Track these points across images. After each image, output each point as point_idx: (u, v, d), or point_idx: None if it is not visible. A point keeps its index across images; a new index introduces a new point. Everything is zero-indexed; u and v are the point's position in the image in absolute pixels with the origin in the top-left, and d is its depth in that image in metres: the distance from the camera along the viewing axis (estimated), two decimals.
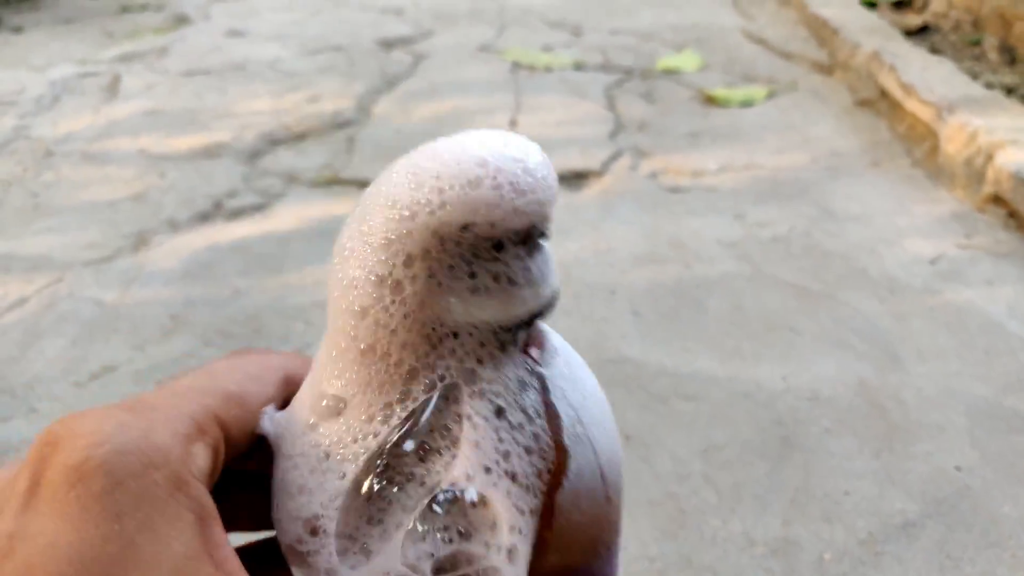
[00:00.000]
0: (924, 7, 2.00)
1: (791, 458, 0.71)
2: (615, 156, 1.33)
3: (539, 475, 0.31)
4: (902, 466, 0.70)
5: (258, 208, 1.20)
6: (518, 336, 0.31)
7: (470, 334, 0.29)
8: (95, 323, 0.94)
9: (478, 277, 0.29)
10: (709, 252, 1.04)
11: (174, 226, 1.15)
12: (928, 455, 0.71)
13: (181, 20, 2.18)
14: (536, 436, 0.30)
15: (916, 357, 0.84)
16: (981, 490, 0.68)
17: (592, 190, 1.24)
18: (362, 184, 1.26)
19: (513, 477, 0.28)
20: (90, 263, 1.06)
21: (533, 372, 0.32)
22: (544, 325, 0.33)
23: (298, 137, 1.43)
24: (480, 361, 0.30)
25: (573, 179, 1.27)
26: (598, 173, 1.28)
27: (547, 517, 0.31)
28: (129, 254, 1.08)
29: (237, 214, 1.18)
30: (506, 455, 0.29)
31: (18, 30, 2.13)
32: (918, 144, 1.34)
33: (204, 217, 1.18)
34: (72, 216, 1.18)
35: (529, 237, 0.30)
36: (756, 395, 0.79)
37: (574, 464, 0.32)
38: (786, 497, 0.67)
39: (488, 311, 0.30)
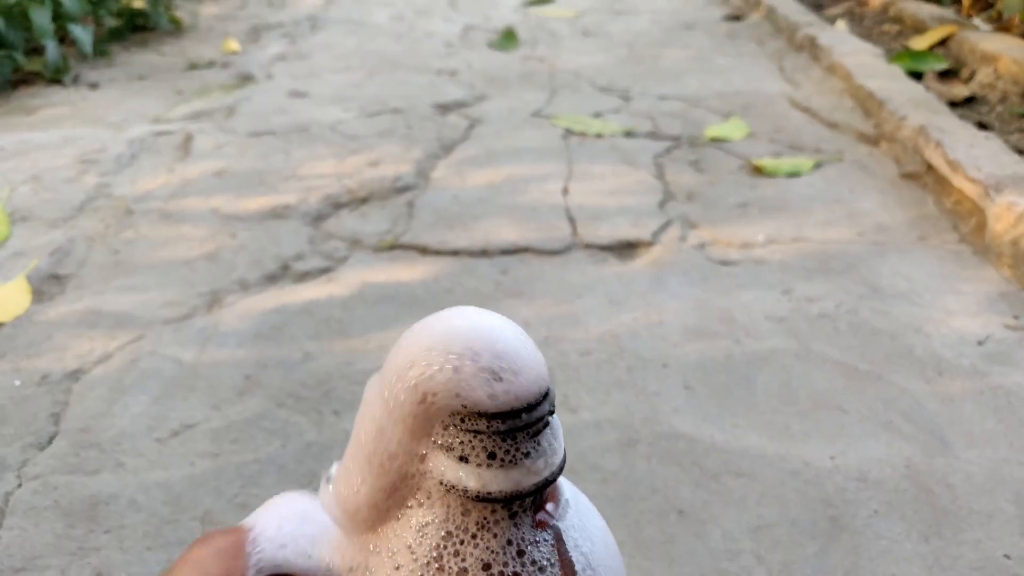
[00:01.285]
0: (970, 78, 2.03)
1: (839, 539, 0.74)
2: (664, 226, 1.38)
3: None
4: (951, 551, 0.72)
5: (323, 271, 1.27)
6: (534, 501, 0.36)
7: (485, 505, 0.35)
8: (175, 381, 1.00)
9: (492, 454, 0.34)
10: (758, 328, 1.08)
11: (245, 287, 1.22)
12: (977, 542, 0.73)
13: (246, 79, 2.29)
14: None
15: (964, 441, 0.86)
16: None
17: (643, 260, 1.28)
18: (422, 250, 1.33)
19: None
20: (169, 321, 1.13)
21: (549, 526, 0.38)
22: (560, 479, 0.38)
23: (360, 201, 1.50)
24: (487, 528, 0.36)
25: (624, 249, 1.32)
26: (648, 243, 1.33)
27: None
28: (204, 314, 1.15)
29: (304, 277, 1.25)
30: None
31: (94, 87, 2.26)
32: (965, 220, 1.36)
33: (273, 279, 1.24)
34: (151, 274, 1.26)
35: (538, 415, 0.35)
36: (804, 474, 0.82)
37: None
38: None
39: (501, 483, 0.35)
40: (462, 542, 0.35)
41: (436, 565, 0.35)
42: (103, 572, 0.72)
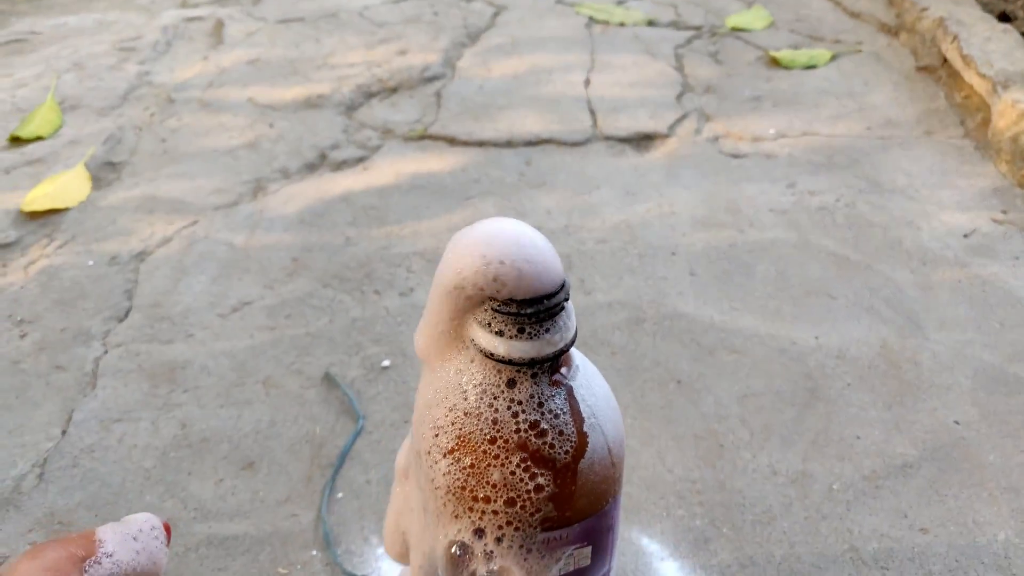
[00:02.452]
0: None
1: (815, 407, 0.86)
2: (681, 119, 1.44)
3: (568, 452, 0.47)
4: (909, 418, 0.84)
5: (359, 160, 1.35)
6: (551, 365, 0.47)
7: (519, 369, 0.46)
8: (229, 263, 1.11)
9: (522, 329, 0.45)
10: (761, 219, 1.17)
11: (286, 175, 1.32)
12: (933, 410, 0.85)
13: None
14: (566, 424, 0.46)
15: (936, 324, 0.96)
16: (974, 441, 0.81)
17: (658, 152, 1.36)
18: (450, 140, 1.41)
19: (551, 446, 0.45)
20: (219, 207, 1.23)
21: (563, 384, 0.49)
22: (573, 349, 0.49)
23: (391, 90, 1.57)
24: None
25: (642, 141, 1.39)
26: (664, 136, 1.40)
27: (573, 477, 0.48)
28: (250, 200, 1.25)
29: (341, 165, 1.34)
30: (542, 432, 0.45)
31: None
32: (972, 115, 1.41)
33: (312, 167, 1.34)
34: (197, 162, 1.36)
35: (556, 302, 0.45)
36: (791, 351, 0.93)
37: (590, 444, 0.49)
38: (807, 439, 0.82)
39: (528, 351, 0.46)
40: (495, 396, 0.47)
41: (476, 412, 0.46)
42: (186, 423, 0.85)
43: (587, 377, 0.49)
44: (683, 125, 1.43)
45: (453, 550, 0.54)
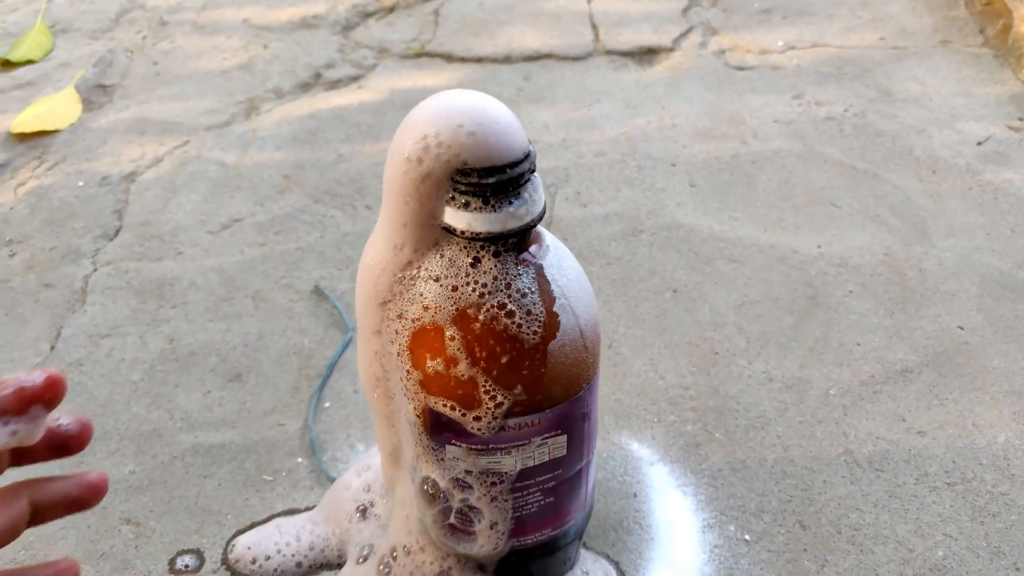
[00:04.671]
0: None
1: (814, 314, 0.83)
2: (686, 33, 1.39)
3: (536, 332, 0.45)
4: (911, 324, 0.81)
5: (353, 79, 1.32)
6: (518, 242, 0.45)
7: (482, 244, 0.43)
8: (221, 181, 1.09)
9: (485, 201, 0.43)
10: (765, 130, 1.13)
11: (280, 95, 1.28)
12: (936, 316, 0.82)
13: None
14: (534, 304, 0.44)
15: (944, 232, 0.93)
16: (977, 346, 0.79)
17: (662, 66, 1.31)
18: (447, 57, 1.37)
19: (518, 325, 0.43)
20: (211, 128, 1.21)
21: (531, 263, 0.46)
22: (541, 228, 0.47)
23: (387, 9, 1.52)
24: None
25: (645, 55, 1.34)
26: (669, 50, 1.35)
27: (543, 359, 0.46)
28: (243, 120, 1.23)
29: (335, 84, 1.31)
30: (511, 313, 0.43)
31: None
32: (992, 22, 1.35)
33: (306, 87, 1.30)
34: (190, 84, 1.33)
35: (519, 171, 0.43)
36: (791, 260, 0.90)
37: (561, 326, 0.47)
38: (805, 346, 0.80)
39: (491, 224, 0.43)
40: (459, 277, 0.45)
41: (440, 294, 0.44)
42: (174, 338, 0.85)
43: (558, 257, 0.47)
44: (688, 39, 1.38)
45: (425, 487, 0.52)
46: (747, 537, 0.64)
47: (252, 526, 0.65)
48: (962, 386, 0.75)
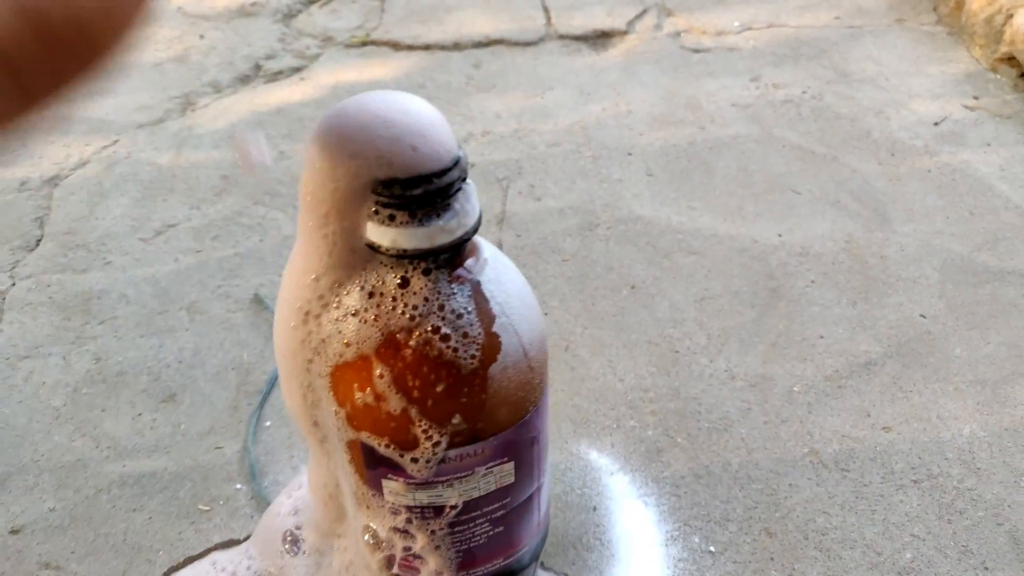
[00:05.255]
0: None
1: (776, 307, 0.81)
2: (640, 15, 1.35)
3: (475, 356, 0.41)
4: (874, 314, 0.79)
5: (296, 70, 1.26)
6: (451, 257, 0.41)
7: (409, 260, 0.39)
8: (154, 183, 1.03)
9: (412, 215, 0.38)
10: (723, 115, 1.10)
11: (217, 88, 1.22)
12: (898, 305, 0.80)
13: None
14: (471, 325, 0.40)
15: (904, 216, 0.91)
16: (940, 335, 0.77)
17: (616, 50, 1.27)
18: (394, 45, 1.31)
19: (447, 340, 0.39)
20: (143, 125, 1.15)
21: (466, 280, 0.42)
22: (479, 239, 0.43)
23: None
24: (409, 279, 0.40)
25: (599, 39, 1.30)
26: (623, 33, 1.31)
27: (483, 384, 0.42)
28: (178, 116, 1.17)
29: (276, 76, 1.25)
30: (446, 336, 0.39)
31: None
32: (945, 0, 1.33)
33: (245, 79, 1.24)
34: (119, 78, 1.26)
35: (447, 181, 0.39)
36: (752, 250, 0.87)
37: (502, 347, 0.43)
38: (768, 341, 0.77)
39: (419, 240, 0.39)
40: (385, 299, 0.40)
41: (367, 320, 0.40)
42: (101, 357, 0.79)
43: (497, 271, 0.43)
44: (642, 21, 1.34)
45: (367, 538, 0.49)
46: (712, 548, 0.61)
47: (186, 562, 0.60)
48: (926, 377, 0.73)
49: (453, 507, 0.45)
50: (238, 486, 0.67)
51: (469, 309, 0.41)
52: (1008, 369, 0.73)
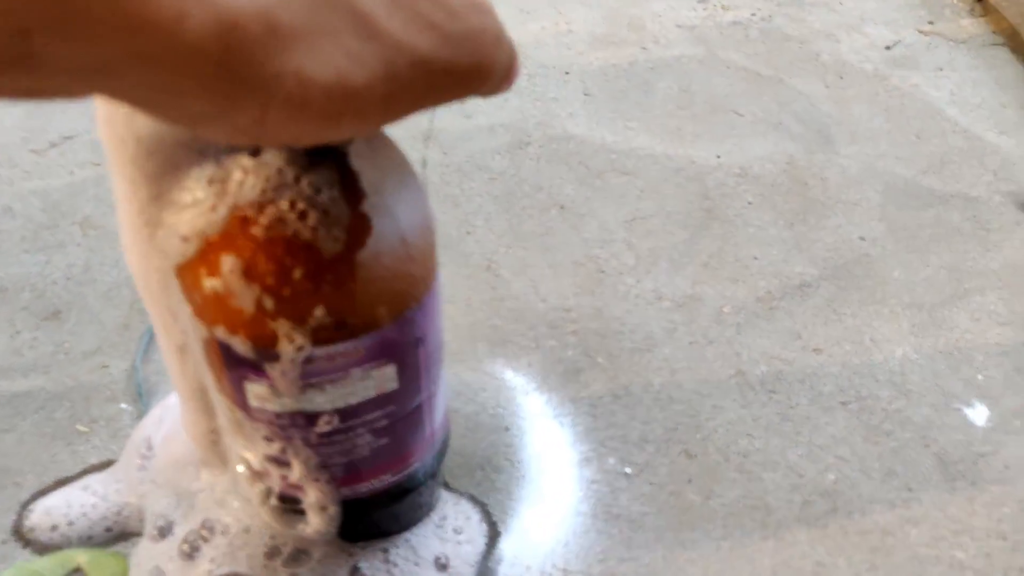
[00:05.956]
0: None
1: (710, 228, 0.77)
2: None
3: (339, 239, 0.36)
4: (811, 236, 0.76)
5: None
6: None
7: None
8: None
9: None
10: (667, 35, 1.04)
11: None
12: (837, 227, 0.77)
13: None
14: (334, 202, 0.35)
15: (848, 139, 0.87)
16: (878, 257, 0.73)
17: None
18: None
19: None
20: None
21: (329, 150, 0.37)
22: None
23: None
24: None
25: None
26: None
27: (351, 272, 0.37)
28: None
29: None
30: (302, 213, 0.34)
31: None
32: None
33: None
34: None
35: None
36: (688, 171, 0.83)
37: (374, 230, 0.37)
38: (699, 261, 0.73)
39: None
40: (232, 176, 0.35)
41: (214, 202, 0.35)
42: None
43: (372, 146, 0.38)
44: None
45: (240, 468, 0.44)
46: (627, 470, 0.57)
47: (57, 485, 0.55)
48: (861, 299, 0.70)
49: (327, 415, 0.41)
50: (123, 406, 0.61)
51: (331, 184, 0.36)
52: (946, 293, 0.71)
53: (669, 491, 0.56)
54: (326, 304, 0.37)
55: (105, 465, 0.57)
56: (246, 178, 0.35)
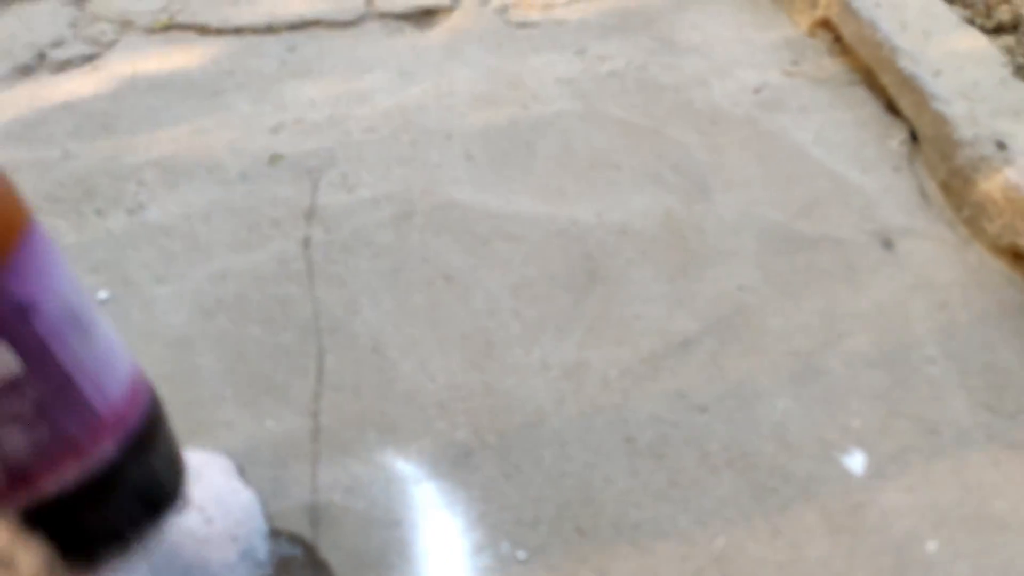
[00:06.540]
0: None
1: (594, 289, 0.78)
2: None
3: None
4: (692, 289, 0.77)
5: (87, 59, 1.14)
6: None
7: None
8: None
9: None
10: (547, 91, 1.06)
11: None
12: (717, 279, 0.79)
13: None
14: None
15: (724, 186, 0.90)
16: (756, 306, 0.76)
17: (440, 28, 1.22)
18: (201, 29, 1.21)
19: None
20: None
21: None
22: None
23: None
24: None
25: (422, 17, 1.24)
26: (448, 9, 1.25)
27: None
28: None
29: (64, 66, 1.13)
30: None
31: None
32: None
33: (26, 70, 1.12)
34: None
35: None
36: (571, 232, 0.84)
37: None
38: (584, 325, 0.74)
39: None
40: None
41: None
42: None
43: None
44: None
45: None
46: (521, 555, 0.57)
47: None
48: (742, 351, 0.72)
49: None
50: None
51: None
52: (820, 338, 0.73)
53: (564, 573, 0.56)
54: None
55: None
56: None
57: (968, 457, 0.62)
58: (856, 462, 0.62)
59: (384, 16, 1.24)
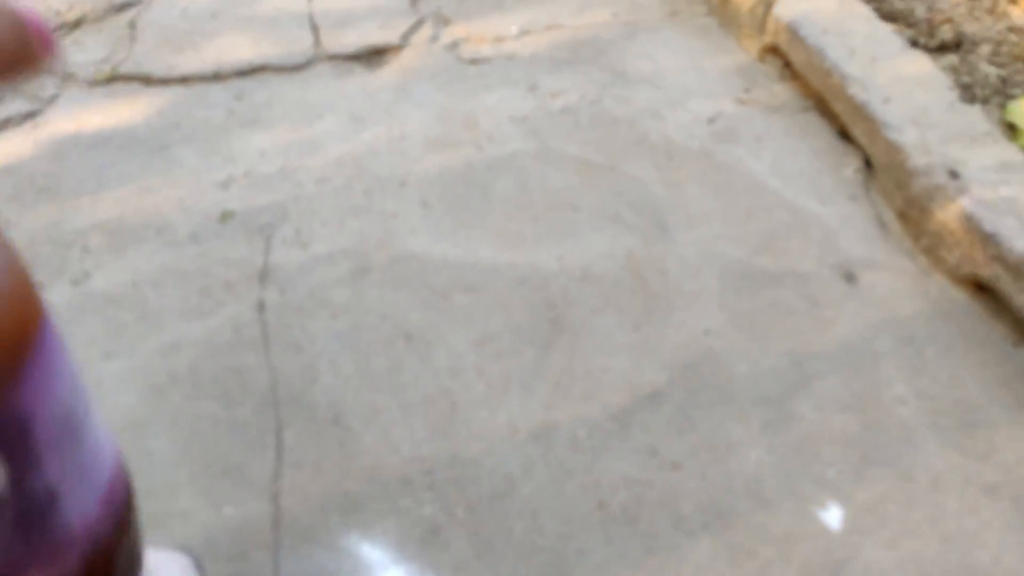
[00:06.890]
0: None
1: (558, 341, 0.76)
2: (416, 26, 1.28)
3: None
4: (657, 335, 0.76)
5: (27, 117, 1.11)
6: None
7: None
8: None
9: None
10: (501, 131, 1.05)
11: None
12: (682, 323, 0.78)
13: None
14: None
15: (683, 223, 0.89)
16: (722, 351, 0.75)
17: (390, 68, 1.20)
18: (145, 80, 1.18)
19: None
20: None
21: None
22: None
23: (72, 25, 1.30)
24: None
25: (372, 57, 1.22)
26: (397, 47, 1.23)
27: None
28: None
29: (3, 126, 1.09)
30: None
31: None
32: None
33: None
34: None
35: None
36: (532, 279, 0.83)
37: None
38: (550, 381, 0.72)
39: None
40: None
41: None
42: None
43: None
44: (419, 33, 1.27)
45: None
46: None
47: None
48: (712, 400, 0.71)
49: None
50: None
51: None
52: (789, 381, 0.72)
53: None
54: None
55: None
56: None
57: (945, 505, 0.61)
58: (833, 517, 0.61)
59: (333, 58, 1.22)
